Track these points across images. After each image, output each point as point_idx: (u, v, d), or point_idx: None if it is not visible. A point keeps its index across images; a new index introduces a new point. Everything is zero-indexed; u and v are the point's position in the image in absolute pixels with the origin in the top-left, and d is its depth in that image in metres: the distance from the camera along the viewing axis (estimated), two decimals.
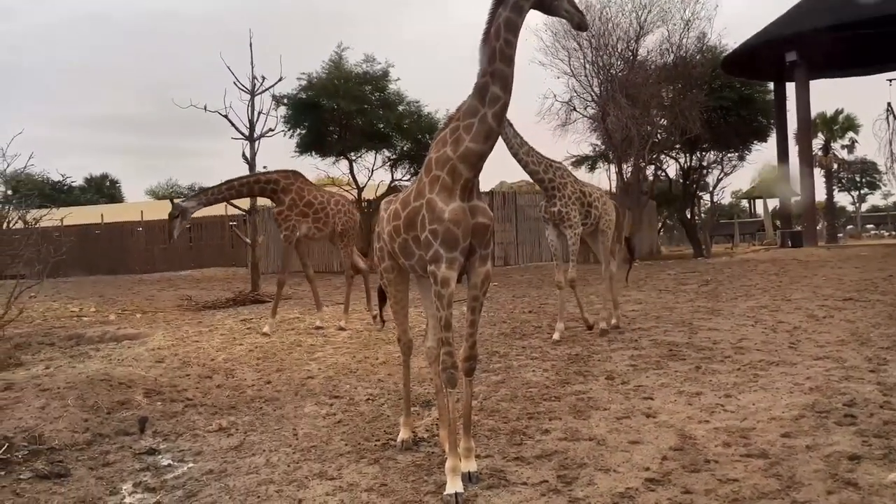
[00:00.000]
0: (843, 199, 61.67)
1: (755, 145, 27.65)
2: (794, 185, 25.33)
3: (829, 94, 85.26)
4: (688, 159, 27.89)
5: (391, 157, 24.51)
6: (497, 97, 3.71)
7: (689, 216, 28.70)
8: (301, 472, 4.24)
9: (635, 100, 21.62)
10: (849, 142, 46.71)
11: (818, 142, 43.27)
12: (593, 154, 28.66)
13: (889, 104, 28.82)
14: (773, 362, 6.34)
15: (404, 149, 24.18)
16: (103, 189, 61.34)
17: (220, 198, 9.88)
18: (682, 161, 28.12)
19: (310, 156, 24.03)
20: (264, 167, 14.22)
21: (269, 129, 16.95)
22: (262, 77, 16.28)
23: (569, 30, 21.15)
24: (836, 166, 46.48)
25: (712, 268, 16.87)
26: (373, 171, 24.46)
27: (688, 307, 10.20)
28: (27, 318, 11.01)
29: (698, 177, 28.82)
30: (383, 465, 4.27)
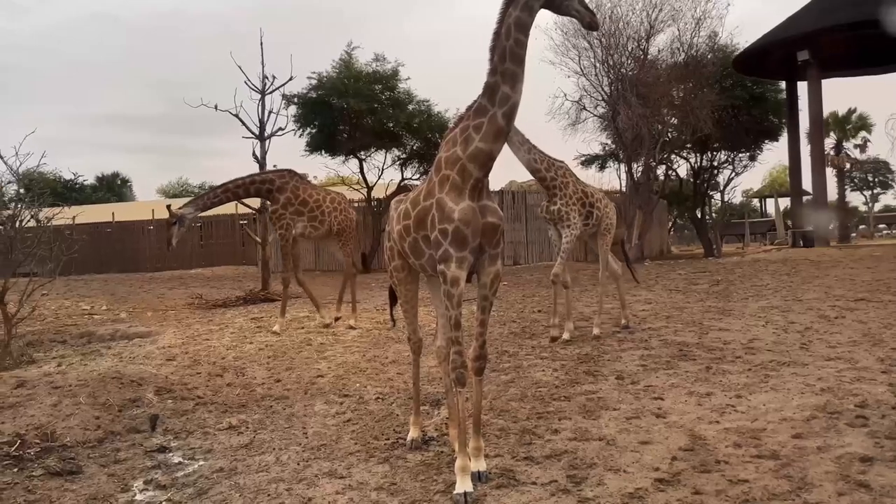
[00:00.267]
0: (856, 199, 61.36)
1: (766, 145, 27.48)
2: (805, 185, 25.19)
3: (841, 94, 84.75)
4: (698, 158, 27.76)
5: (401, 157, 24.50)
6: (507, 97, 3.70)
7: (699, 216, 28.56)
8: (310, 470, 4.26)
9: (646, 99, 21.52)
10: (861, 141, 46.40)
11: (830, 141, 43.00)
12: (603, 153, 28.54)
13: None
14: (784, 363, 6.31)
15: (414, 148, 24.16)
16: (114, 188, 61.66)
17: (217, 201, 9.88)
18: (692, 160, 27.99)
19: (320, 155, 24.04)
20: (274, 166, 14.28)
21: (280, 129, 17.01)
22: (272, 76, 16.34)
23: (579, 29, 21.07)
24: (848, 166, 46.18)
25: (723, 267, 16.79)
26: (383, 170, 24.48)
27: (698, 307, 10.16)
28: (39, 316, 11.09)
29: (709, 176, 28.66)
30: (393, 464, 4.28)
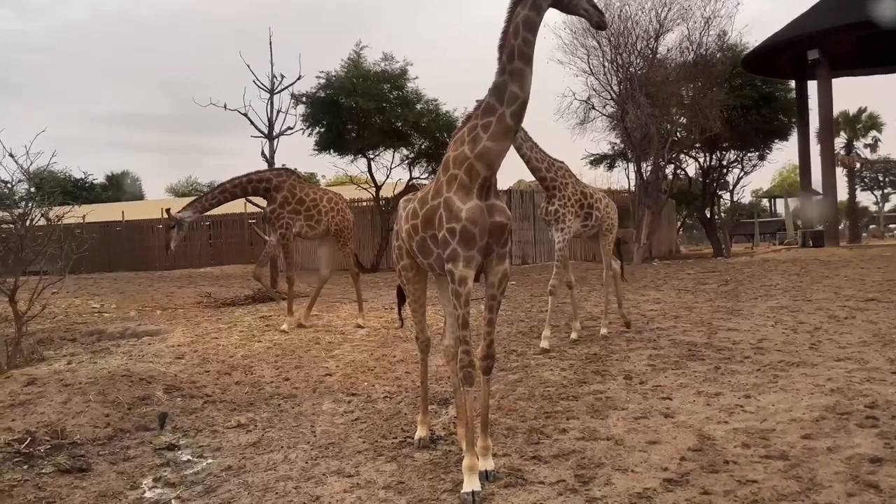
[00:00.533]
0: (866, 199, 61.02)
1: (776, 144, 27.45)
2: (815, 185, 25.08)
3: (851, 93, 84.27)
4: (707, 158, 27.71)
5: (409, 156, 24.52)
6: (515, 96, 3.70)
7: (708, 215, 28.50)
8: (319, 469, 4.27)
9: (655, 98, 21.48)
10: (872, 140, 46.20)
11: (840, 141, 42.81)
12: (612, 153, 28.51)
13: None
14: (793, 363, 6.28)
15: (422, 147, 24.17)
16: (124, 186, 61.90)
17: (216, 202, 9.88)
18: (701, 160, 27.96)
19: (328, 154, 24.10)
20: (282, 165, 14.31)
21: (288, 128, 17.13)
22: (280, 76, 16.43)
23: (588, 28, 21.03)
24: (858, 165, 45.96)
25: (732, 267, 16.73)
26: (391, 169, 24.50)
27: (707, 307, 10.13)
28: (50, 314, 11.13)
29: (718, 176, 28.62)
30: (400, 463, 4.28)
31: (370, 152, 23.97)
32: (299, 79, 17.30)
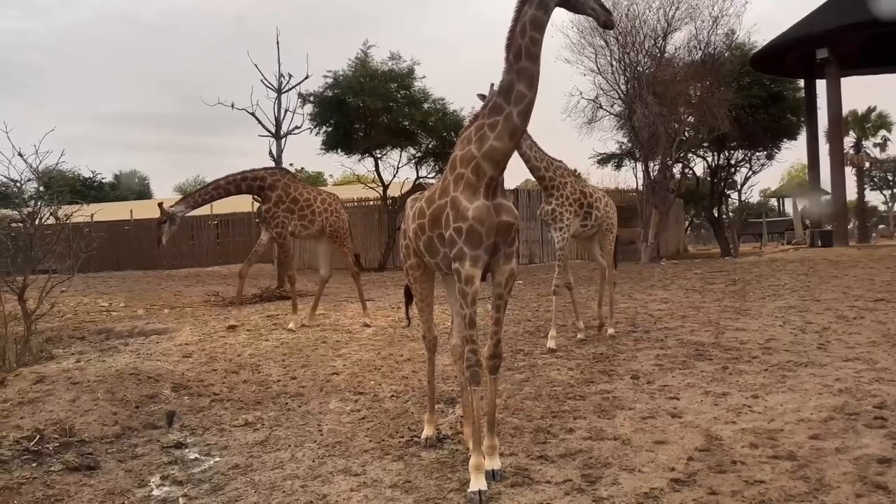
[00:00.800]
0: (875, 199, 60.68)
1: (784, 143, 27.30)
2: (824, 184, 24.97)
3: (861, 92, 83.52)
4: (715, 157, 27.59)
5: (416, 155, 24.54)
6: (522, 95, 3.69)
7: (716, 215, 28.38)
8: (325, 467, 4.27)
9: (662, 97, 21.42)
10: (881, 140, 46.05)
11: (849, 140, 42.64)
12: (620, 152, 28.44)
13: None
14: (801, 363, 6.26)
15: (429, 146, 24.19)
16: (132, 185, 62.12)
17: (209, 198, 9.88)
18: (709, 159, 27.84)
19: (335, 153, 24.14)
20: (290, 164, 14.35)
21: (296, 127, 17.09)
22: (288, 75, 16.42)
23: (595, 27, 20.99)
24: (867, 165, 45.76)
25: (740, 267, 16.68)
26: (398, 168, 24.54)
27: (715, 307, 10.10)
28: (58, 313, 11.18)
29: (726, 175, 28.49)
30: (407, 462, 4.28)
31: (377, 151, 24.00)
32: (307, 78, 17.30)
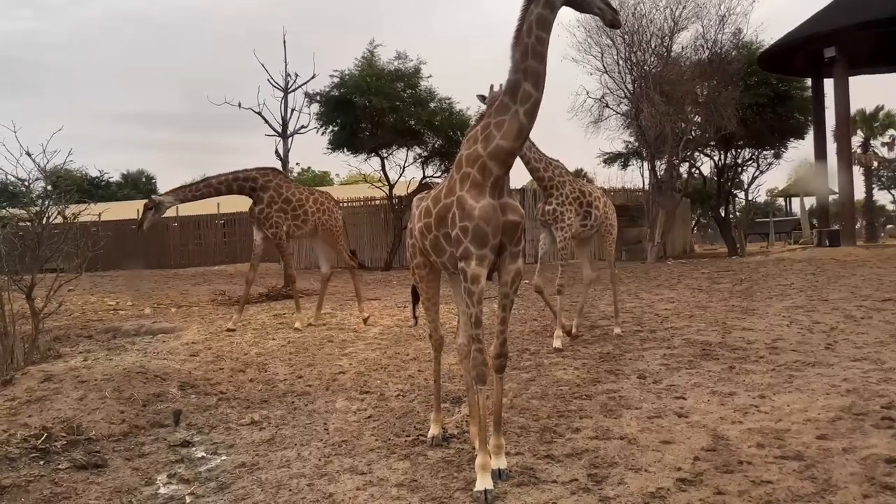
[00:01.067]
0: (883, 198, 60.42)
1: (792, 143, 27.22)
2: (830, 182, 24.88)
3: (868, 91, 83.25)
4: (722, 157, 27.52)
5: (422, 154, 24.57)
6: (529, 94, 3.69)
7: (723, 214, 28.30)
8: (332, 466, 4.28)
9: (669, 96, 21.37)
10: (889, 139, 45.81)
11: (857, 139, 42.49)
12: (626, 151, 28.41)
13: None
14: (808, 363, 6.24)
15: (435, 146, 24.21)
16: (139, 184, 62.27)
17: (199, 195, 9.81)
18: (716, 158, 27.77)
19: (342, 152, 24.20)
20: (297, 164, 14.37)
21: (302, 126, 17.16)
22: (295, 74, 16.49)
23: (602, 26, 20.97)
24: (875, 164, 45.58)
25: (747, 267, 16.63)
26: (404, 167, 24.58)
27: (721, 306, 10.08)
28: (66, 312, 11.25)
29: (733, 174, 28.43)
30: (413, 461, 4.28)
31: (383, 151, 24.03)
32: (313, 77, 17.38)
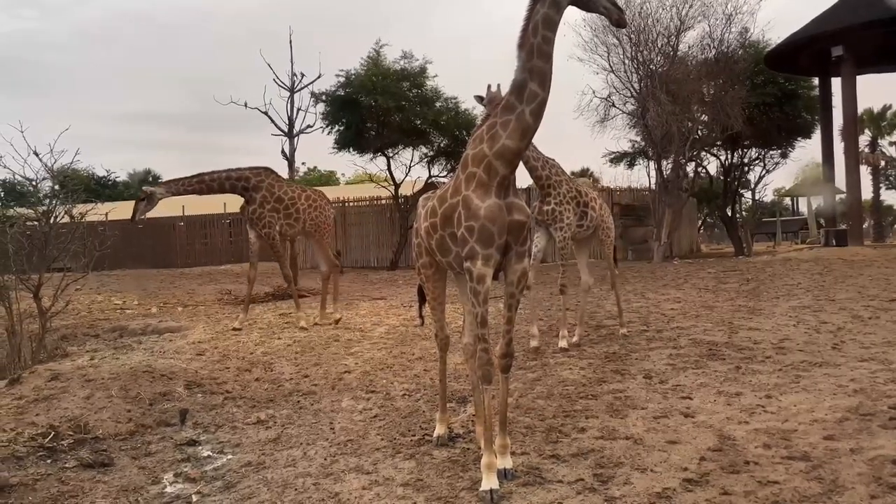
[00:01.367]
0: (891, 198, 60.08)
1: (799, 142, 27.09)
2: (839, 182, 24.78)
3: (876, 90, 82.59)
4: (729, 156, 27.43)
5: (428, 154, 24.54)
6: (535, 94, 3.68)
7: (729, 214, 28.23)
8: (337, 465, 4.28)
9: (676, 96, 21.30)
10: None
11: (865, 138, 42.29)
12: (632, 151, 28.34)
13: None
14: (815, 363, 6.21)
15: (441, 145, 24.19)
16: (146, 184, 62.45)
17: (191, 190, 9.78)
18: (723, 158, 27.69)
19: (348, 152, 24.19)
20: (303, 163, 14.41)
21: (308, 126, 17.21)
22: (301, 74, 16.52)
23: (608, 25, 20.90)
24: (883, 163, 45.37)
25: (754, 266, 16.58)
26: (410, 167, 24.56)
27: (728, 306, 10.05)
28: (73, 311, 11.28)
29: (740, 174, 28.34)
30: (419, 461, 4.29)
31: (389, 150, 24.03)
32: (319, 77, 17.43)
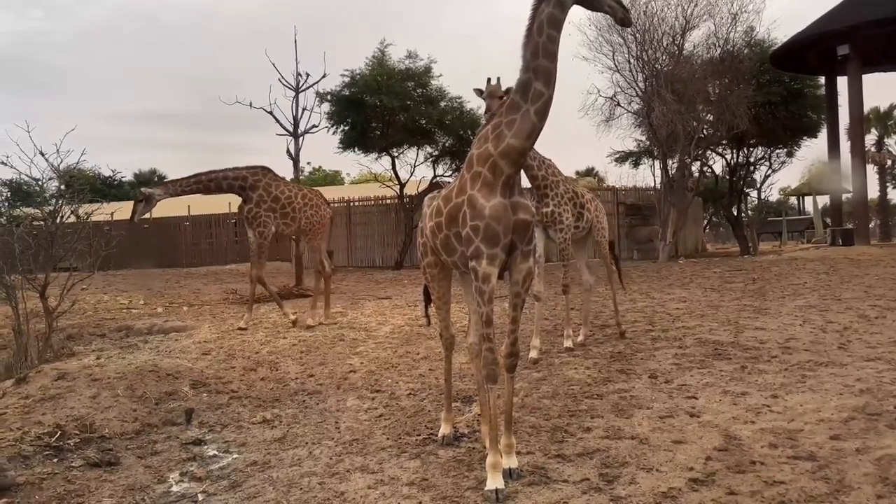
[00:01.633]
0: None
1: (804, 141, 27.00)
2: (846, 180, 24.69)
3: (882, 89, 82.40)
4: (734, 155, 27.36)
5: (433, 154, 24.54)
6: (540, 93, 3.68)
7: (735, 213, 28.16)
8: (343, 465, 4.29)
9: (681, 95, 21.25)
10: None
11: (871, 137, 42.19)
12: (637, 150, 28.30)
13: None
14: (821, 363, 6.20)
15: (446, 145, 24.18)
16: (151, 184, 62.61)
17: (188, 190, 9.81)
18: (728, 157, 27.62)
19: (353, 152, 24.21)
20: (308, 163, 14.43)
21: (313, 126, 17.23)
22: (306, 74, 16.57)
23: (613, 24, 20.90)
24: (889, 163, 45.18)
25: (759, 266, 16.54)
26: (415, 167, 24.56)
27: (734, 305, 10.03)
28: (79, 310, 11.32)
29: (745, 173, 28.26)
30: (424, 460, 4.29)
31: (394, 150, 24.03)
32: (324, 77, 17.50)
